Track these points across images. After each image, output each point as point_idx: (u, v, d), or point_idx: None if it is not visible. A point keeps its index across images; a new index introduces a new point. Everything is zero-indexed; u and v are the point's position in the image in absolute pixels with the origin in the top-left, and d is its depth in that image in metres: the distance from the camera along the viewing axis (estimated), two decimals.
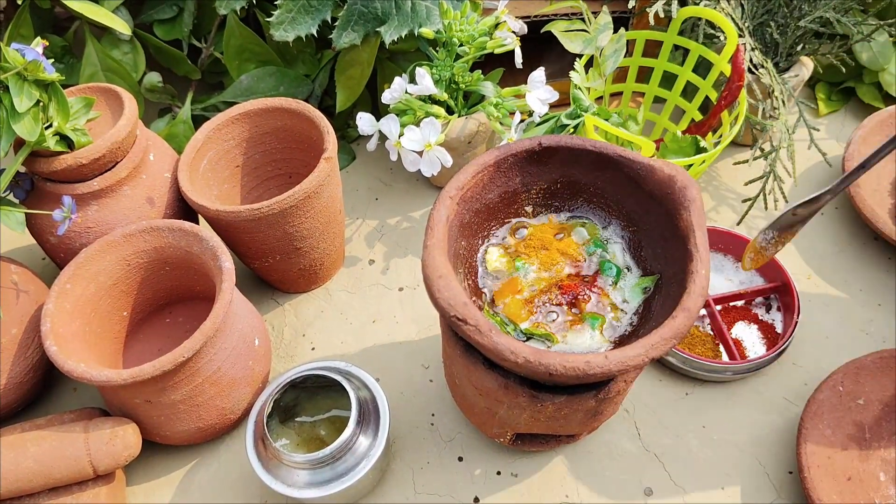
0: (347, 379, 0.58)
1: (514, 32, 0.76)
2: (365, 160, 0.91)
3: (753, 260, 0.64)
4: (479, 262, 0.57)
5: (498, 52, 0.75)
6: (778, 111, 0.76)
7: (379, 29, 0.77)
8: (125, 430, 0.58)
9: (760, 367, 0.66)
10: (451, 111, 0.77)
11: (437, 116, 0.72)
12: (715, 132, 0.78)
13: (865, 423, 0.62)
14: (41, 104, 0.58)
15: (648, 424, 0.66)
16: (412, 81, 0.72)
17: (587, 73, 0.74)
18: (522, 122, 0.76)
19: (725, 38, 0.76)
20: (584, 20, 0.75)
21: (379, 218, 0.85)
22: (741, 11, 0.81)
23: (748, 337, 0.70)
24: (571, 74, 0.72)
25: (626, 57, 0.80)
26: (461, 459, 0.64)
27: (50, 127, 0.59)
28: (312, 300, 0.77)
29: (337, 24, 0.77)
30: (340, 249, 0.77)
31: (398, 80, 0.72)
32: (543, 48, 0.94)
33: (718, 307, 0.71)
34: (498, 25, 0.76)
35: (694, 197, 0.51)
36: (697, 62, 0.79)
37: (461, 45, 0.74)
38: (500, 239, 0.58)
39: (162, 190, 0.67)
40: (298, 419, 0.60)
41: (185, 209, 0.70)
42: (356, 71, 0.82)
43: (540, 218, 0.60)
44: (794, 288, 0.69)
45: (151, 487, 0.64)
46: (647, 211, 0.55)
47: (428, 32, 0.75)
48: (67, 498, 0.57)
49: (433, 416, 0.67)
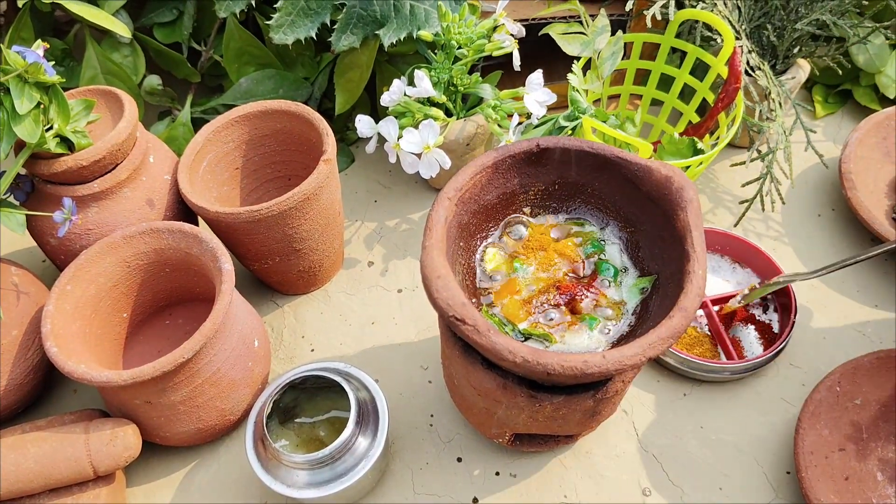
0: (347, 380, 0.58)
1: (512, 35, 0.77)
2: (364, 162, 0.92)
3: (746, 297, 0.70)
4: (477, 262, 0.58)
5: (496, 54, 0.76)
6: (775, 113, 0.76)
7: (378, 32, 0.78)
8: (125, 431, 0.58)
9: (758, 367, 0.66)
10: (449, 113, 0.78)
11: (435, 119, 0.72)
12: (712, 134, 0.78)
13: (863, 423, 0.62)
14: (42, 106, 0.58)
15: (647, 425, 0.66)
16: (411, 84, 0.72)
17: (585, 75, 0.75)
18: (520, 124, 0.76)
19: (722, 40, 0.76)
20: (581, 23, 0.75)
21: (378, 220, 0.85)
22: (738, 14, 0.81)
23: (746, 337, 0.70)
24: (569, 77, 0.72)
25: (623, 59, 0.80)
26: (460, 460, 0.64)
27: (50, 129, 0.59)
28: (312, 302, 0.77)
29: (336, 27, 0.78)
30: (339, 251, 0.78)
31: (397, 82, 0.73)
32: (541, 51, 0.95)
33: (716, 308, 0.71)
34: (496, 28, 0.77)
35: (691, 198, 0.51)
36: (695, 64, 0.80)
37: (459, 47, 0.74)
38: (498, 240, 0.59)
39: (162, 192, 0.67)
40: (298, 420, 0.60)
41: (184, 211, 0.70)
42: (355, 73, 0.82)
43: (538, 219, 0.60)
44: (790, 288, 0.69)
45: (151, 488, 0.64)
46: (644, 212, 0.56)
47: (426, 35, 0.76)
48: (68, 499, 0.57)
49: (432, 416, 0.67)
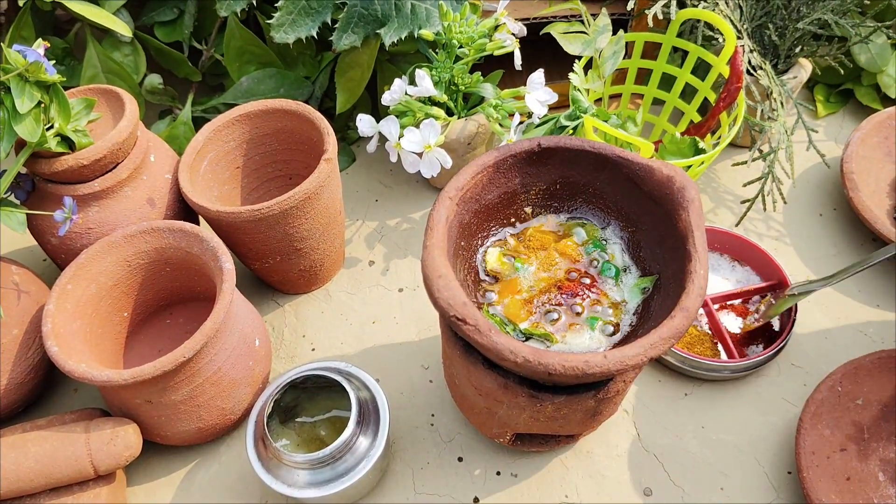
0: (347, 379, 0.58)
1: (513, 34, 0.77)
2: (365, 162, 0.92)
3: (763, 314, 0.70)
4: (478, 262, 0.57)
5: (497, 53, 0.76)
6: (776, 113, 0.76)
7: (379, 31, 0.78)
8: (126, 430, 0.58)
9: (759, 365, 0.66)
10: (450, 113, 0.78)
11: (436, 118, 0.72)
12: (713, 133, 0.78)
13: (864, 423, 0.62)
14: (42, 105, 0.58)
15: (648, 425, 0.66)
16: (412, 83, 0.72)
17: (586, 74, 0.75)
18: (522, 123, 0.76)
19: (724, 40, 0.76)
20: (583, 22, 0.75)
21: (379, 219, 0.85)
22: (740, 13, 0.81)
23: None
24: (570, 76, 0.72)
25: (624, 59, 0.80)
26: (461, 460, 0.64)
27: (51, 128, 0.59)
28: (312, 301, 0.77)
29: (337, 26, 0.78)
30: (340, 250, 0.78)
31: (398, 81, 0.73)
32: (543, 50, 0.94)
33: (716, 306, 0.71)
34: (497, 27, 0.77)
35: (692, 197, 0.51)
36: (696, 64, 0.80)
37: (461, 46, 0.74)
38: (499, 239, 0.59)
39: (162, 191, 0.67)
40: (299, 419, 0.60)
41: (185, 210, 0.70)
42: (356, 73, 0.82)
43: (539, 219, 0.60)
44: (790, 285, 0.69)
45: (152, 487, 0.64)
46: (645, 211, 0.56)
47: (428, 34, 0.76)
48: (68, 498, 0.57)
49: (433, 416, 0.67)
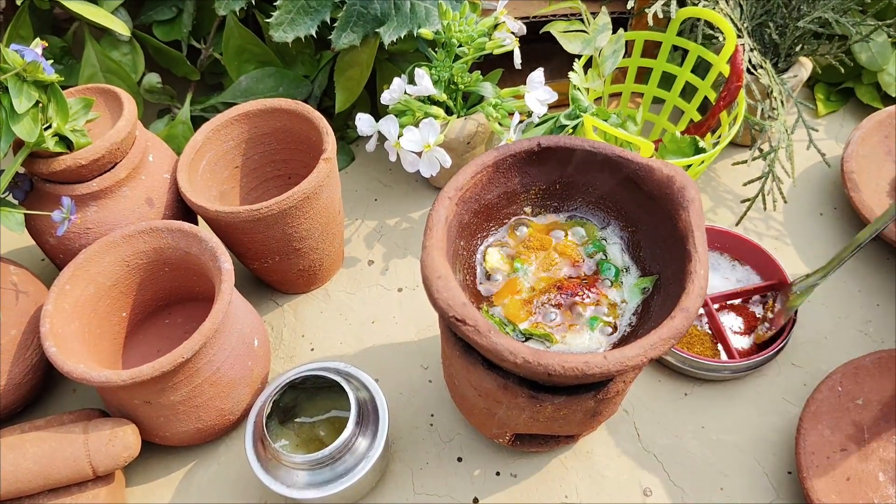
0: (346, 380, 0.58)
1: (512, 33, 0.76)
2: (364, 161, 0.92)
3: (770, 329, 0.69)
4: (478, 262, 0.57)
5: (497, 52, 0.76)
6: (777, 111, 0.76)
7: (378, 30, 0.77)
8: (124, 430, 0.58)
9: (759, 365, 0.66)
10: (450, 112, 0.77)
11: (436, 117, 0.72)
12: (714, 133, 0.78)
13: (864, 423, 0.62)
14: (40, 105, 0.58)
15: (647, 425, 0.66)
16: (411, 82, 0.72)
17: (586, 73, 0.75)
18: (521, 122, 0.76)
19: (724, 38, 0.76)
20: (582, 21, 0.75)
21: (378, 219, 0.85)
22: (740, 12, 0.81)
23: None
24: (570, 75, 0.72)
25: (624, 57, 0.80)
26: (460, 460, 0.64)
27: (49, 128, 0.59)
28: (312, 301, 0.77)
29: (336, 24, 0.77)
30: (339, 250, 0.77)
31: (397, 80, 0.72)
32: (542, 49, 0.94)
33: (716, 306, 0.71)
34: (497, 26, 0.76)
35: (692, 197, 0.51)
36: (696, 62, 0.80)
37: (460, 45, 0.74)
38: (499, 239, 0.59)
39: (161, 191, 0.67)
40: (298, 420, 0.60)
41: (184, 210, 0.70)
42: (355, 72, 0.82)
43: (539, 218, 0.60)
44: (791, 285, 0.69)
45: (151, 488, 0.64)
46: (645, 211, 0.55)
47: (427, 33, 0.75)
48: (67, 499, 0.57)
49: (432, 416, 0.67)
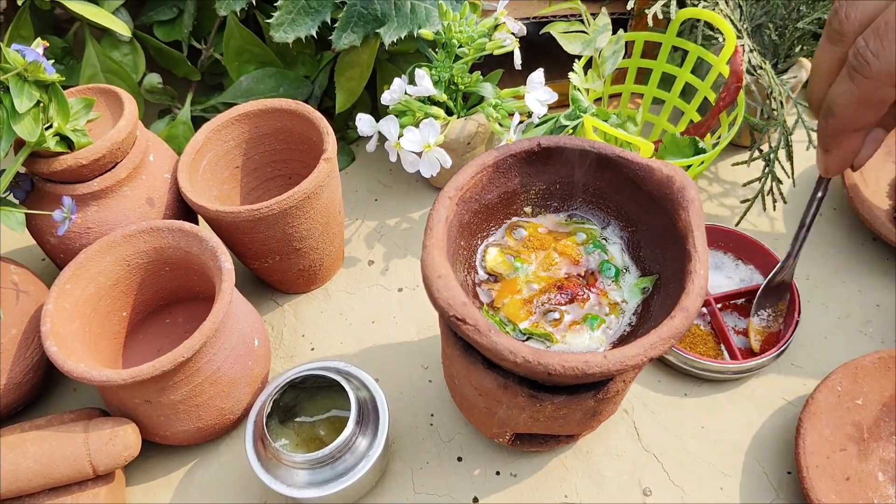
0: (347, 379, 0.58)
1: (513, 34, 0.76)
2: (364, 161, 0.92)
3: (762, 340, 0.68)
4: (478, 262, 0.57)
5: (497, 53, 0.76)
6: (776, 112, 0.76)
7: (378, 30, 0.77)
8: (125, 430, 0.58)
9: (761, 366, 0.66)
10: (450, 112, 0.78)
11: (436, 117, 0.72)
12: (713, 133, 0.78)
13: (864, 423, 0.62)
14: (41, 105, 0.58)
15: (647, 424, 0.66)
16: (411, 82, 0.72)
17: (586, 74, 0.75)
18: (521, 123, 0.76)
19: (724, 39, 0.76)
20: (582, 21, 0.75)
21: (378, 219, 0.85)
22: (740, 13, 0.81)
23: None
24: (570, 76, 0.72)
25: (624, 58, 0.80)
26: (460, 459, 0.64)
27: (50, 128, 0.59)
28: (312, 301, 0.77)
29: (336, 25, 0.78)
30: (340, 250, 0.77)
31: (397, 81, 0.72)
32: (543, 50, 0.94)
33: (719, 305, 0.71)
34: (497, 27, 0.76)
35: (692, 197, 0.51)
36: (696, 63, 0.80)
37: (460, 46, 0.74)
38: (499, 239, 0.59)
39: (162, 191, 0.67)
40: (298, 419, 0.60)
41: (184, 210, 0.70)
42: (356, 72, 0.82)
43: (539, 218, 0.60)
44: (794, 287, 0.69)
45: (151, 487, 0.64)
46: (645, 211, 0.56)
47: (427, 34, 0.75)
48: (67, 498, 0.57)
49: (432, 416, 0.67)
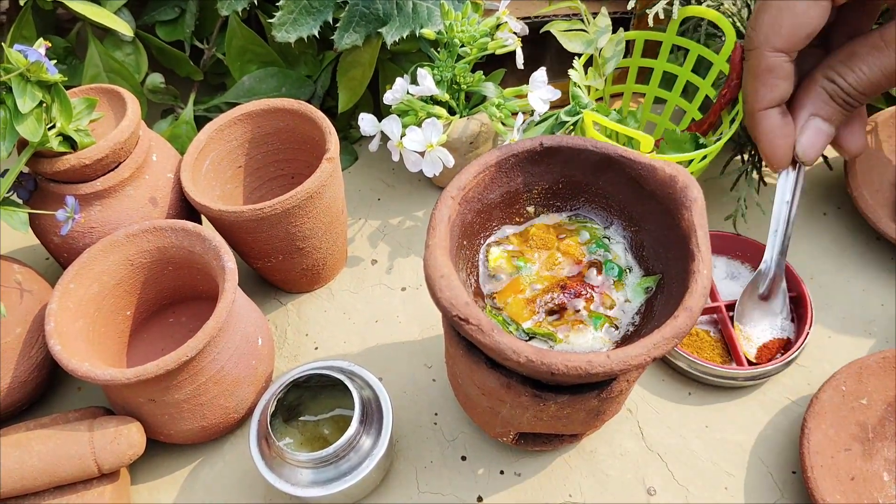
0: (350, 378, 0.58)
1: (515, 33, 0.76)
2: (367, 161, 0.92)
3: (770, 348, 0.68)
4: (480, 261, 0.57)
5: (499, 52, 0.76)
6: None
7: (380, 30, 0.77)
8: (129, 429, 0.58)
9: (770, 374, 0.65)
10: (452, 112, 0.77)
11: (438, 117, 0.72)
12: (715, 131, 0.78)
13: (869, 423, 0.62)
14: (44, 105, 0.58)
15: (651, 424, 0.66)
16: (414, 82, 0.72)
17: (586, 72, 0.75)
18: (524, 122, 0.76)
19: (725, 37, 0.76)
20: (583, 21, 0.75)
21: (381, 218, 0.85)
22: (748, 12, 0.81)
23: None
24: (570, 72, 0.72)
25: (625, 57, 0.80)
26: (464, 459, 0.64)
27: (53, 128, 0.59)
28: (315, 300, 0.77)
29: (338, 25, 0.78)
30: (343, 249, 0.78)
31: (400, 80, 0.72)
32: (545, 49, 0.94)
33: (731, 314, 0.71)
34: (499, 26, 0.76)
35: (695, 197, 0.51)
36: (697, 62, 0.80)
37: (462, 45, 0.74)
38: (502, 238, 0.59)
39: (165, 190, 0.67)
40: (302, 418, 0.60)
41: (187, 209, 0.70)
42: (358, 72, 0.82)
43: (542, 218, 0.60)
44: (807, 298, 0.68)
45: (156, 486, 0.64)
46: (648, 211, 0.55)
47: (429, 33, 0.75)
48: (72, 496, 0.57)
49: (436, 415, 0.67)
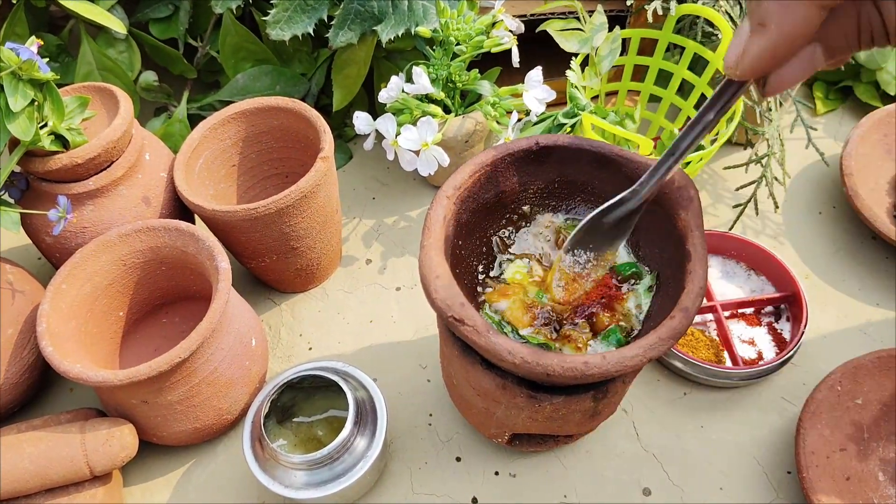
0: (345, 379, 0.58)
1: (510, 31, 0.76)
2: (362, 159, 0.91)
3: (566, 289, 0.54)
4: (481, 263, 0.57)
5: (495, 51, 0.75)
6: (771, 113, 0.76)
7: (375, 28, 0.77)
8: (122, 430, 0.58)
9: (764, 374, 0.65)
10: (447, 110, 0.77)
11: (433, 115, 0.72)
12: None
13: (864, 423, 0.62)
14: (36, 103, 0.57)
15: (647, 424, 0.66)
16: (409, 80, 0.72)
17: (583, 71, 0.74)
18: (519, 121, 0.76)
19: (722, 35, 0.75)
20: (579, 19, 0.75)
21: (376, 217, 0.84)
22: (740, 9, 0.81)
23: (756, 344, 0.70)
24: (568, 73, 0.72)
25: (621, 55, 0.80)
26: (459, 460, 0.64)
27: (45, 126, 0.59)
28: (309, 300, 0.77)
29: (333, 22, 0.77)
30: (337, 249, 0.77)
31: (395, 79, 0.72)
32: (541, 47, 0.94)
33: (726, 313, 0.71)
34: (495, 24, 0.76)
35: (692, 197, 0.51)
36: (694, 60, 0.79)
37: (458, 43, 0.74)
38: (526, 259, 0.58)
39: (158, 189, 0.67)
40: (296, 420, 0.59)
41: (181, 209, 0.69)
42: (353, 70, 0.82)
43: (539, 216, 0.59)
44: (803, 298, 0.68)
45: (148, 488, 0.64)
46: (645, 211, 0.55)
47: (425, 31, 0.75)
48: (64, 498, 0.57)
49: (431, 416, 0.67)
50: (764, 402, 0.67)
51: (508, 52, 0.76)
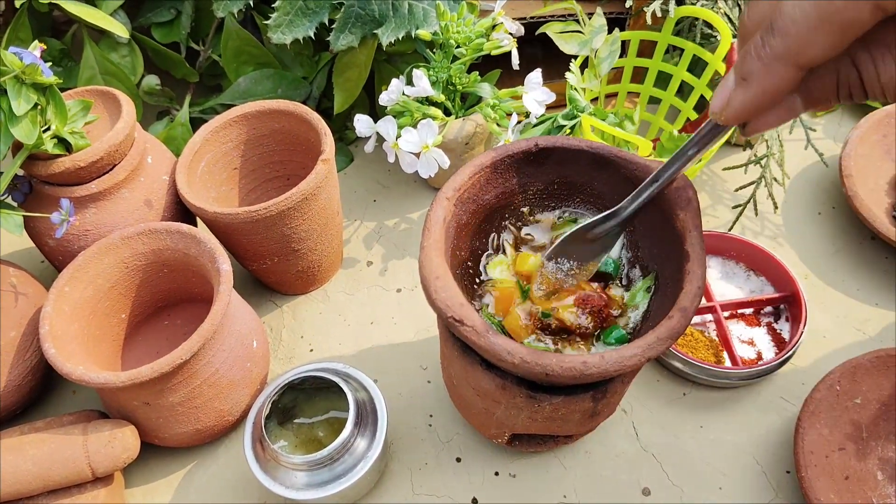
0: (345, 380, 0.58)
1: (510, 34, 0.76)
2: (363, 162, 0.92)
3: (545, 292, 0.55)
4: (482, 265, 0.57)
5: (495, 53, 0.76)
6: None
7: (376, 31, 0.77)
8: (124, 432, 0.58)
9: (763, 374, 0.65)
10: (448, 113, 0.78)
11: (434, 118, 0.72)
12: None
13: (863, 422, 0.62)
14: (39, 107, 0.58)
15: (646, 424, 0.66)
16: (409, 83, 0.72)
17: (582, 73, 0.75)
18: (519, 123, 0.76)
19: (721, 37, 0.76)
20: (578, 21, 0.75)
21: (377, 219, 0.85)
22: (739, 11, 0.81)
23: (755, 345, 0.70)
24: (567, 75, 0.72)
25: (620, 57, 0.80)
26: (459, 460, 0.64)
27: (48, 130, 0.59)
28: (310, 302, 0.77)
29: (334, 26, 0.77)
30: (338, 251, 0.77)
31: (395, 81, 0.72)
32: (541, 50, 0.94)
33: (725, 314, 0.71)
34: (495, 27, 0.76)
35: (690, 197, 0.51)
36: (693, 61, 0.80)
37: (458, 46, 0.74)
38: (504, 241, 0.59)
39: (160, 192, 0.67)
40: (297, 421, 0.60)
41: (183, 211, 0.70)
42: (353, 73, 0.82)
43: (539, 216, 0.60)
44: (802, 298, 0.68)
45: (150, 489, 0.64)
46: (643, 211, 0.55)
47: (425, 34, 0.75)
48: (66, 500, 0.57)
49: (431, 416, 0.67)
50: (763, 401, 0.67)
51: (508, 54, 0.77)
